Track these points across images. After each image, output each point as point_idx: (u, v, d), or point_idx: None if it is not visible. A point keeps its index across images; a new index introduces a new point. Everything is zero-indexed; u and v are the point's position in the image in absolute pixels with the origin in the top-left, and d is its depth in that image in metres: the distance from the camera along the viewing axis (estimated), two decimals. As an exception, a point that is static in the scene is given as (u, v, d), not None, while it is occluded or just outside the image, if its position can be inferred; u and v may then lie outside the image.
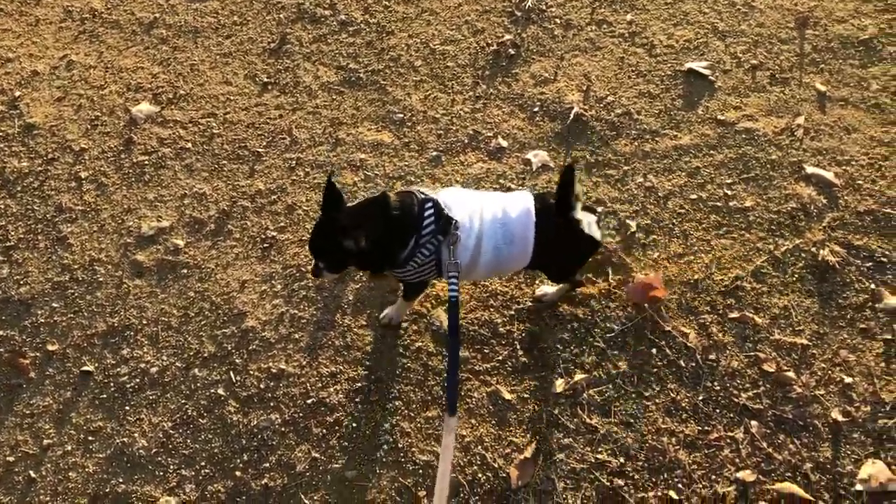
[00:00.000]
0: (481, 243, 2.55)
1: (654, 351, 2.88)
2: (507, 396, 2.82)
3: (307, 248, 2.68)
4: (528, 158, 3.46)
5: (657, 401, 2.77)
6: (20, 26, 4.27)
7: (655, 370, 2.83)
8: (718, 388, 2.77)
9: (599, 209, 3.18)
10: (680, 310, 2.96)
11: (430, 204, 2.53)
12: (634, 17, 3.93)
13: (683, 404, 2.75)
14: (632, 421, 2.74)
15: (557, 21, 3.97)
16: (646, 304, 2.97)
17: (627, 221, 3.20)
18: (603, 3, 4.02)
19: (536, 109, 3.63)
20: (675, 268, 3.08)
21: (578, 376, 2.84)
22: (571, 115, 3.55)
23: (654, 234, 3.18)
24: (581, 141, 3.50)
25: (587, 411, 2.76)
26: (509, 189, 3.34)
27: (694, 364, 2.83)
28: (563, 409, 2.78)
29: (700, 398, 2.75)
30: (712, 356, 2.84)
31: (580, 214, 2.57)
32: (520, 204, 2.61)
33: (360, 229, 2.43)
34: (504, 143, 3.52)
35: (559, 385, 2.83)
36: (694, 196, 3.26)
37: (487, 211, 2.60)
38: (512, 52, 3.86)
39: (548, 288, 3.05)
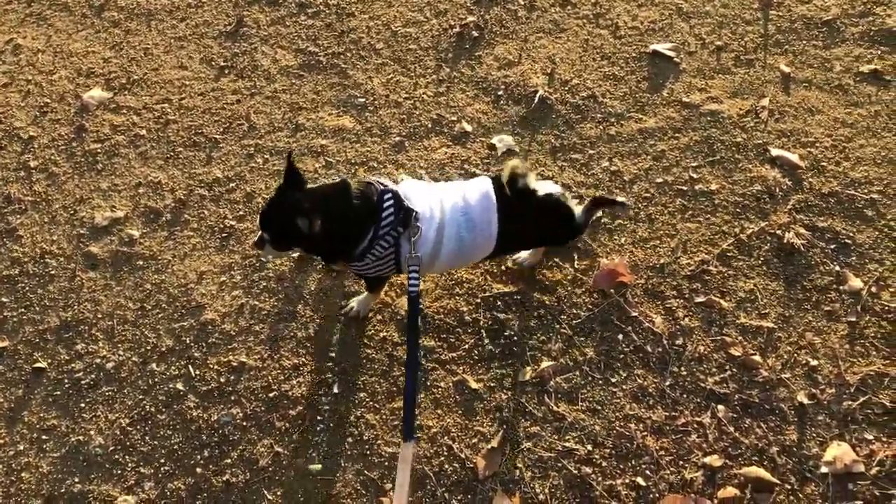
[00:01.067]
0: (442, 234, 2.51)
1: (620, 337, 2.85)
2: (474, 386, 2.78)
3: (258, 219, 2.59)
4: (492, 143, 3.40)
5: (624, 387, 2.74)
6: (-37, 9, 4.10)
7: (622, 356, 2.81)
8: (685, 373, 2.76)
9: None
10: (646, 295, 2.94)
11: (389, 195, 2.47)
12: (598, -1, 3.88)
13: (650, 390, 2.73)
14: (599, 408, 2.71)
15: (521, 2, 3.91)
16: (612, 290, 2.94)
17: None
18: (567, -16, 3.97)
19: (501, 93, 3.57)
20: (640, 252, 3.05)
21: (545, 364, 2.80)
22: (536, 99, 3.50)
23: (619, 218, 3.14)
24: (546, 125, 3.45)
25: (554, 399, 2.73)
26: (473, 175, 3.29)
27: (661, 349, 2.81)
28: (529, 398, 2.74)
29: (667, 384, 2.74)
30: (679, 341, 2.82)
31: (536, 184, 2.56)
32: (478, 189, 2.57)
33: (316, 212, 2.35)
34: (468, 128, 3.46)
35: (526, 373, 2.79)
36: (659, 180, 3.24)
37: (447, 200, 2.55)
38: (475, 34, 3.79)
39: (524, 252, 3.03)
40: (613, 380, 2.76)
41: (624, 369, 2.78)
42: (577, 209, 2.71)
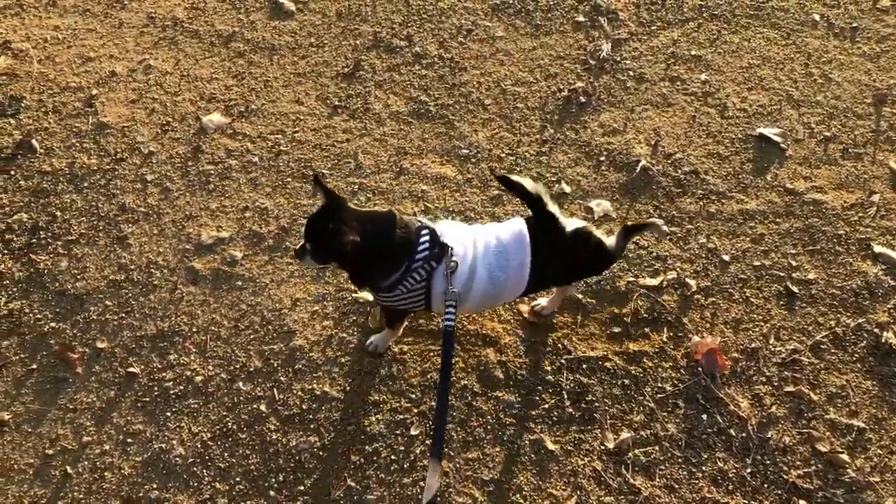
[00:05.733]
0: (475, 272, 2.56)
1: (704, 417, 2.81)
2: (551, 447, 2.77)
3: (303, 229, 2.68)
4: (590, 206, 3.44)
5: (704, 468, 2.70)
6: (104, 27, 4.37)
7: (705, 436, 2.77)
8: (768, 462, 2.70)
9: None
10: (734, 377, 2.90)
11: (426, 230, 2.57)
12: (709, 77, 3.91)
13: (731, 475, 2.68)
14: (676, 486, 2.67)
15: (631, 73, 3.97)
16: (700, 368, 2.91)
17: (687, 281, 3.15)
18: (678, 61, 4.02)
19: (602, 159, 3.62)
20: (731, 333, 3.02)
21: (625, 434, 2.78)
22: (638, 168, 3.53)
23: (713, 296, 3.12)
24: (645, 195, 3.47)
25: (631, 471, 2.70)
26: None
27: (744, 435, 2.76)
28: (606, 466, 2.72)
29: (748, 470, 2.68)
30: (764, 428, 2.77)
31: (564, 221, 2.62)
32: (512, 229, 2.63)
33: (360, 232, 2.45)
34: (567, 189, 3.51)
35: (605, 441, 2.77)
36: (757, 263, 3.21)
37: (480, 240, 2.61)
38: (583, 99, 3.86)
39: (542, 300, 3.08)
40: (694, 459, 2.72)
41: (705, 450, 2.74)
42: (608, 239, 2.74)
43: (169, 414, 2.97)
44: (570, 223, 2.66)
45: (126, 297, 3.30)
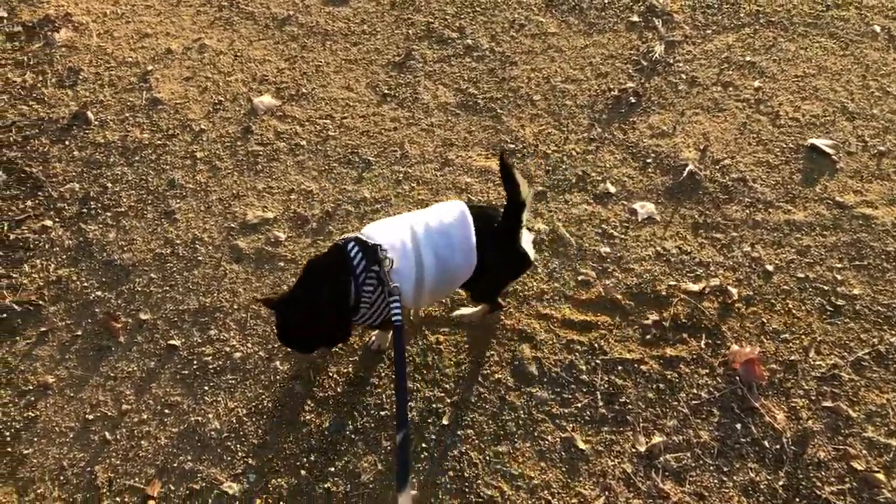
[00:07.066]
0: (421, 259, 2.53)
1: (738, 426, 2.79)
2: (581, 446, 2.78)
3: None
4: (634, 208, 3.42)
5: (735, 478, 2.68)
6: (162, 5, 4.45)
7: (738, 446, 2.75)
8: (801, 476, 2.67)
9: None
10: (771, 389, 2.87)
11: (352, 243, 2.55)
12: (762, 85, 3.86)
13: (762, 486, 2.65)
14: (706, 494, 2.66)
15: (683, 76, 3.93)
16: (737, 377, 2.89)
17: (729, 288, 3.12)
18: (731, 66, 3.97)
19: (649, 161, 3.59)
20: (771, 344, 2.99)
21: (657, 438, 2.77)
22: (685, 173, 3.50)
23: (754, 306, 3.09)
24: (691, 199, 3.44)
25: (661, 476, 2.69)
26: (611, 236, 3.31)
27: (778, 447, 2.73)
28: (636, 469, 2.71)
29: (781, 483, 2.65)
30: (799, 442, 2.74)
31: (525, 235, 2.68)
32: (453, 210, 2.60)
33: (295, 307, 2.58)
34: (612, 189, 3.49)
35: (636, 443, 2.76)
36: (801, 275, 3.17)
37: (418, 225, 2.59)
38: (633, 100, 3.83)
39: (465, 310, 3.08)
40: (725, 468, 2.70)
41: (738, 460, 2.72)
42: (532, 252, 2.77)
43: (206, 388, 3.03)
44: (526, 239, 2.71)
45: (170, 270, 3.37)
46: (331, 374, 3.01)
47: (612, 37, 4.15)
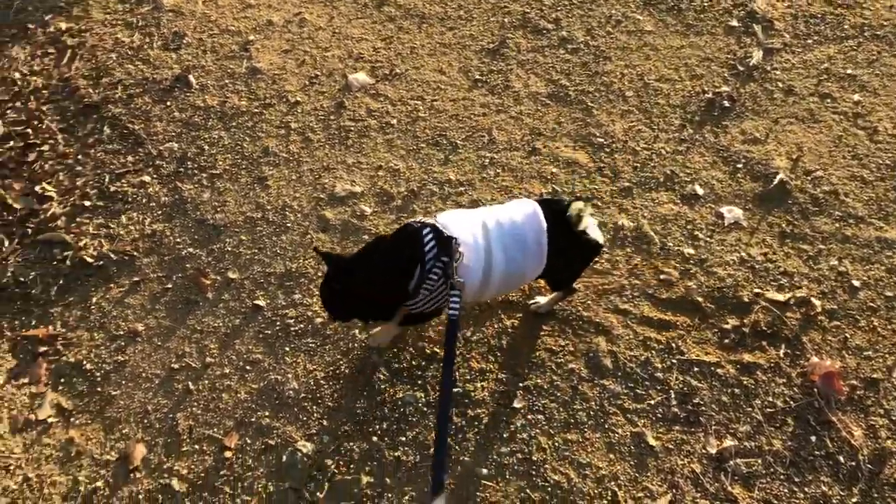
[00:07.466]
0: (491, 257, 2.55)
1: (813, 438, 2.76)
2: (652, 442, 2.78)
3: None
4: (721, 212, 3.39)
5: (806, 489, 2.66)
6: (266, -22, 4.58)
7: (811, 458, 2.72)
8: (875, 495, 2.63)
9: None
10: (850, 404, 2.83)
11: (427, 229, 2.55)
12: (862, 99, 3.78)
13: (834, 501, 2.62)
14: (775, 502, 2.64)
15: (779, 84, 3.88)
16: (815, 389, 2.85)
17: (813, 300, 3.08)
18: (831, 77, 3.90)
19: (740, 166, 3.56)
20: (852, 360, 2.94)
21: (728, 442, 2.76)
22: (775, 181, 3.46)
23: (837, 320, 3.05)
24: (780, 208, 3.40)
25: (730, 479, 2.69)
26: (696, 238, 3.30)
27: (853, 464, 2.70)
28: (705, 470, 2.71)
29: (854, 500, 2.62)
30: (876, 461, 2.70)
31: (590, 229, 2.71)
32: (524, 209, 2.62)
33: (357, 273, 2.57)
34: (700, 191, 3.47)
35: (707, 445, 2.76)
36: (889, 293, 3.11)
37: (491, 221, 2.60)
38: (726, 104, 3.80)
39: (541, 298, 3.10)
40: (797, 479, 2.68)
41: (810, 472, 2.69)
42: (600, 236, 2.81)
43: (287, 349, 3.13)
44: (592, 224, 2.74)
45: (260, 234, 3.48)
46: (406, 347, 3.07)
47: (710, 39, 4.11)
